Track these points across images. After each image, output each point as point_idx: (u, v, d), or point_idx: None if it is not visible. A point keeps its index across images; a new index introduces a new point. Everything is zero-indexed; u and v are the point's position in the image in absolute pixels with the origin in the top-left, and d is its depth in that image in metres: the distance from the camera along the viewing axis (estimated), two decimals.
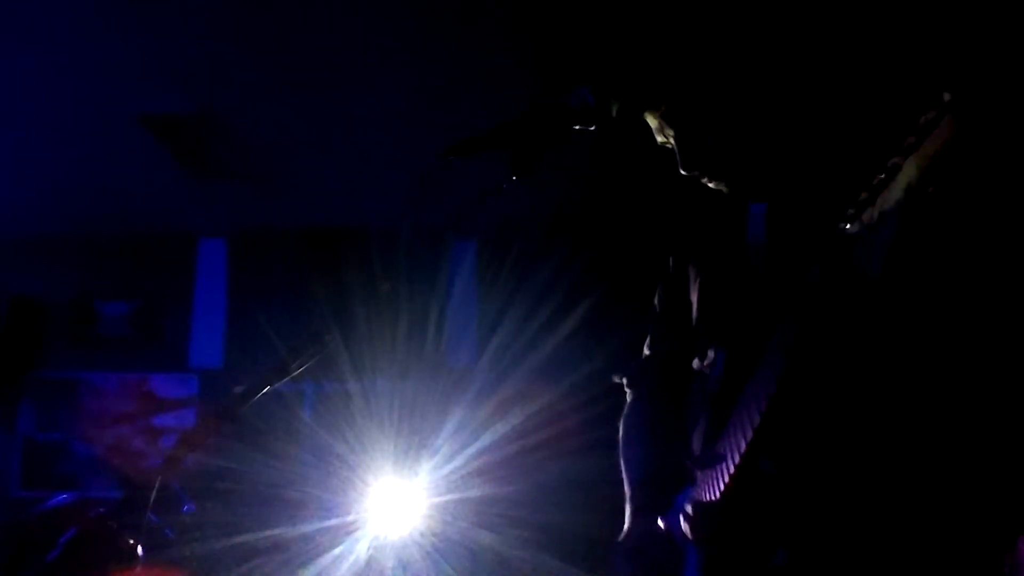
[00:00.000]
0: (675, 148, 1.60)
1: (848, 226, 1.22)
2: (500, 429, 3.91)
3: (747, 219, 1.63)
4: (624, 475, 1.84)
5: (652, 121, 1.63)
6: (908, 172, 1.15)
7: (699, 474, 1.58)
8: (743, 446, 1.41)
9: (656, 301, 1.90)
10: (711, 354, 1.67)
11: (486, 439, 3.87)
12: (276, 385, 1.58)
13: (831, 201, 1.32)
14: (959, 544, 1.35)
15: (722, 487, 1.47)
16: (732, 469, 1.44)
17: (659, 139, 1.65)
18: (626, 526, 1.77)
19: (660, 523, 1.65)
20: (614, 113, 1.54)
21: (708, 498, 1.51)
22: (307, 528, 3.45)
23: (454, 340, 4.77)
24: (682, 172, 1.60)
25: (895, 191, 1.17)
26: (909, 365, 1.41)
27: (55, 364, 5.05)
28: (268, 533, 3.25)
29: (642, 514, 1.75)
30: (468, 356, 4.77)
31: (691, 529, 1.54)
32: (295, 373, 1.58)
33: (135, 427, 4.90)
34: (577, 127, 1.53)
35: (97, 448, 4.90)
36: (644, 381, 1.89)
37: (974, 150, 1.13)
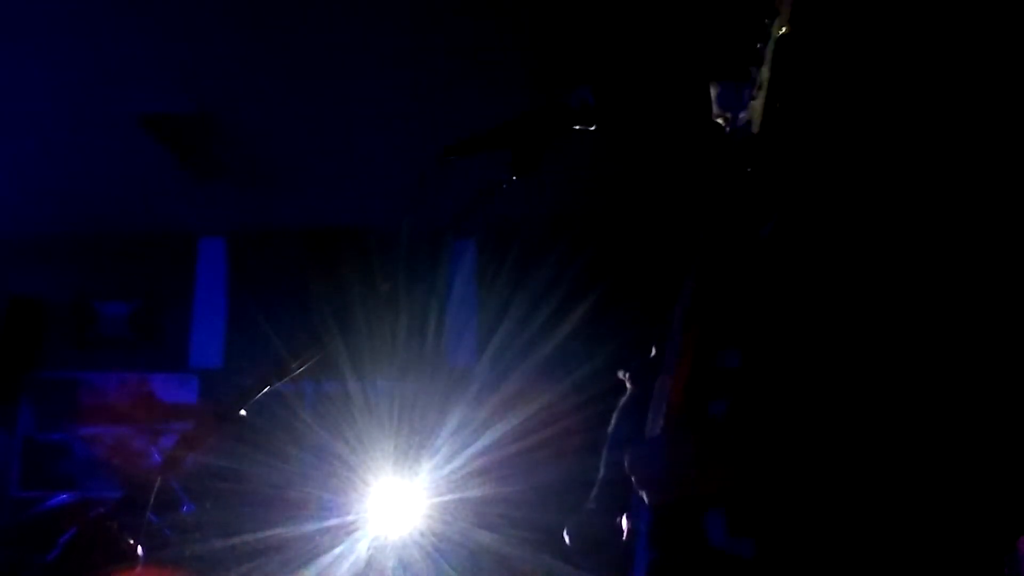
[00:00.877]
0: (729, 120, 1.60)
1: (743, 112, 1.33)
2: (500, 429, 3.91)
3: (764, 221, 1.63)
4: (601, 468, 1.85)
5: (713, 90, 1.64)
6: (774, 32, 1.26)
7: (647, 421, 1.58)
8: (674, 368, 1.43)
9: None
10: None
11: (486, 439, 3.88)
12: (276, 385, 1.58)
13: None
14: (959, 544, 1.35)
15: (661, 421, 1.47)
16: (668, 396, 1.44)
17: (714, 111, 1.65)
18: (581, 514, 1.79)
19: (624, 522, 1.65)
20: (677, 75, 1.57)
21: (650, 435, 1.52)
22: (307, 528, 3.45)
23: (454, 340, 4.77)
24: (728, 145, 1.61)
25: (769, 50, 1.27)
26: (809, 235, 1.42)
27: (55, 364, 5.05)
28: (268, 533, 3.25)
29: (600, 509, 1.76)
30: (468, 356, 4.78)
31: (630, 469, 1.53)
32: (295, 373, 1.58)
33: (135, 427, 4.90)
34: (577, 127, 1.53)
35: (97, 448, 4.90)
36: (645, 380, 1.89)
37: None
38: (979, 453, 1.37)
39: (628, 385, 1.92)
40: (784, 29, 1.26)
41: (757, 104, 1.31)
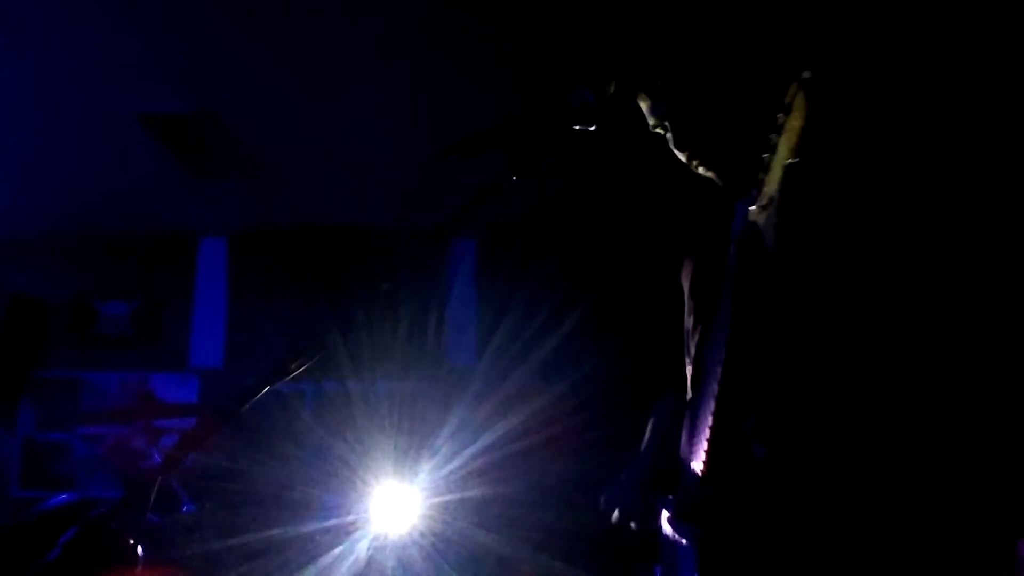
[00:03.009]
0: (668, 128, 1.61)
1: (753, 207, 1.36)
2: (500, 429, 3.91)
3: (735, 215, 1.64)
4: (639, 471, 1.87)
5: (644, 104, 1.64)
6: (780, 151, 1.27)
7: (684, 453, 1.59)
8: (710, 419, 1.47)
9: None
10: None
11: (486, 439, 3.87)
12: (276, 385, 1.58)
13: (744, 182, 1.43)
14: (959, 545, 1.35)
15: (702, 462, 1.49)
16: (706, 444, 1.48)
17: (650, 123, 1.66)
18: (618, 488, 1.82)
19: (665, 518, 1.65)
20: (610, 91, 1.57)
21: (692, 474, 1.53)
22: (307, 528, 3.45)
23: (454, 340, 4.78)
24: (674, 151, 1.62)
25: (775, 170, 1.29)
26: (827, 323, 1.46)
27: (55, 364, 5.05)
28: (268, 533, 3.25)
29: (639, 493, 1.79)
30: (468, 356, 4.78)
31: (675, 512, 1.55)
32: (295, 373, 1.58)
33: (135, 427, 4.90)
34: (577, 127, 1.53)
35: (97, 448, 4.90)
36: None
37: (823, 121, 1.26)
38: (979, 454, 1.38)
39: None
40: (793, 159, 1.27)
41: (769, 223, 1.35)
